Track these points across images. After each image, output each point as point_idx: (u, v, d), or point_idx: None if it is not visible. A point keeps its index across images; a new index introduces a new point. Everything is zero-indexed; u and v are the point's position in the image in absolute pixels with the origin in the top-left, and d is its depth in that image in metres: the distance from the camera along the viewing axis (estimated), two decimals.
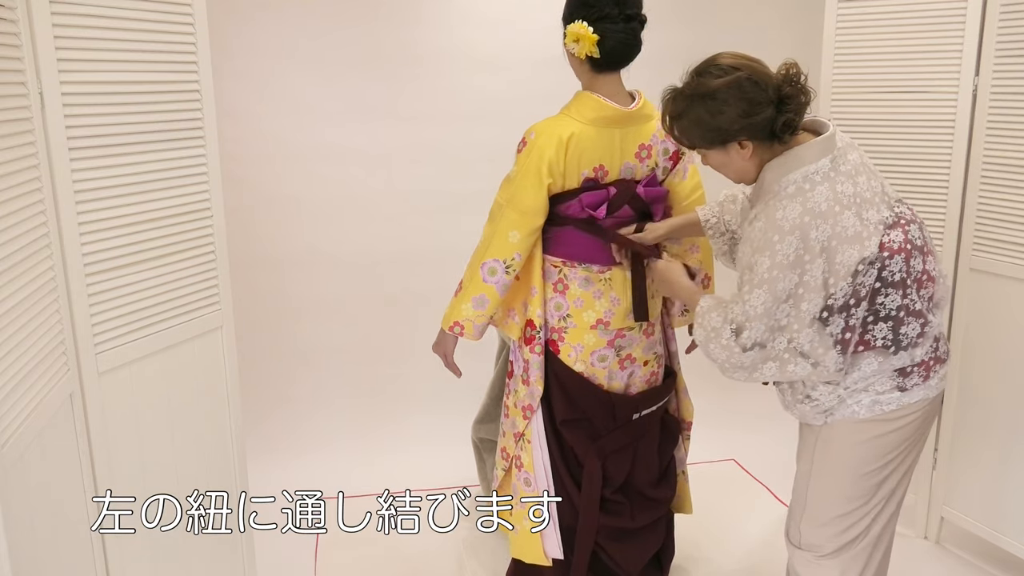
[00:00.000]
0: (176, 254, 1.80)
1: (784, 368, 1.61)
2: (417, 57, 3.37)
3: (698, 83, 1.57)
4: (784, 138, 1.58)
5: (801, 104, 1.57)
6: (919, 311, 1.60)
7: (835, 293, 1.54)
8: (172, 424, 1.85)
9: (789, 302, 1.56)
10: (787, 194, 1.56)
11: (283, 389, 3.48)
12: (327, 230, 3.44)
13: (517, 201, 1.96)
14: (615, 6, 1.89)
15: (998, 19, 2.25)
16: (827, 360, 1.58)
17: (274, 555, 2.50)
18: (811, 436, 1.74)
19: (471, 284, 2.01)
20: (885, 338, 1.59)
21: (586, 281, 2.05)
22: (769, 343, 1.60)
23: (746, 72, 1.54)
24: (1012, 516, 2.36)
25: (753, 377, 1.65)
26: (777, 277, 1.54)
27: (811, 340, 1.57)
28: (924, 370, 1.65)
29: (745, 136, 1.57)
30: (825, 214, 1.52)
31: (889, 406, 1.64)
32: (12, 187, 1.34)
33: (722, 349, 1.64)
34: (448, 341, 2.10)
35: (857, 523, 1.72)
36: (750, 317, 1.58)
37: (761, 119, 1.55)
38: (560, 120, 1.97)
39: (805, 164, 1.56)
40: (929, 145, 2.45)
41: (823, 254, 1.53)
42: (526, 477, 2.12)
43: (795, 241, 1.52)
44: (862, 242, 1.53)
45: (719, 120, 1.56)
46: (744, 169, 1.65)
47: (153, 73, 1.70)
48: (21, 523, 1.30)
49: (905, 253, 1.56)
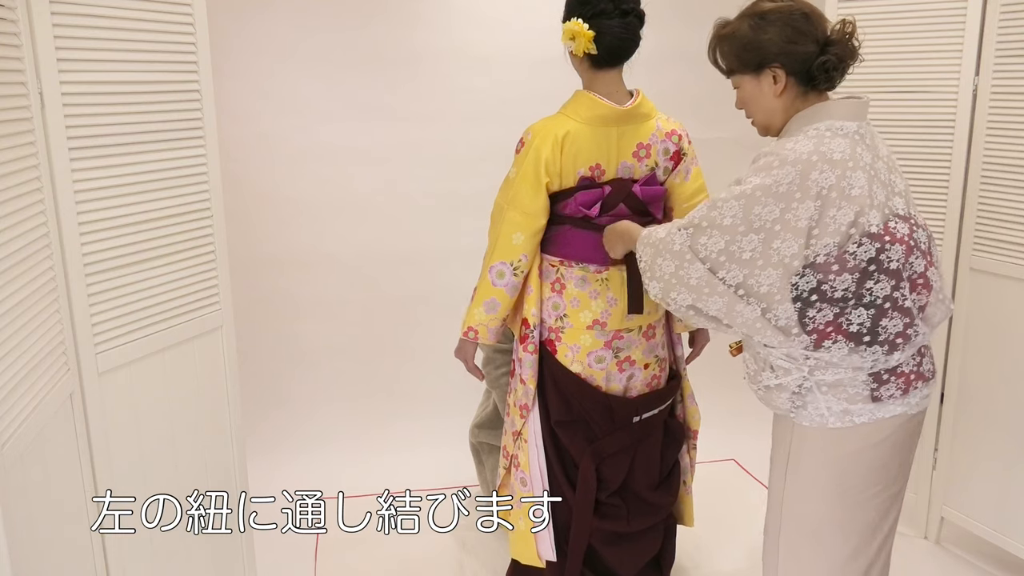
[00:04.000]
0: (176, 254, 1.80)
1: (732, 307, 1.50)
2: (417, 57, 3.37)
3: (752, 5, 1.60)
4: (819, 84, 1.56)
5: (846, 54, 1.55)
6: (907, 309, 1.49)
7: (817, 250, 1.45)
8: (172, 424, 1.85)
9: (760, 235, 1.47)
10: (805, 135, 1.52)
11: (283, 389, 3.48)
12: (327, 230, 3.44)
13: (518, 203, 1.97)
14: (610, 1, 1.89)
15: (998, 19, 2.25)
16: (780, 310, 1.47)
17: (274, 555, 2.50)
18: (782, 454, 1.64)
19: (482, 289, 2.03)
20: (862, 324, 1.47)
21: (583, 281, 2.05)
22: (720, 271, 1.51)
23: (800, 6, 1.56)
24: (1012, 516, 2.36)
25: (698, 306, 1.54)
26: (758, 198, 1.46)
27: (772, 282, 1.46)
28: (903, 383, 1.54)
29: (781, 64, 1.55)
30: (836, 163, 1.45)
31: (861, 417, 1.53)
32: (12, 187, 1.34)
33: (672, 257, 1.55)
34: (467, 347, 2.12)
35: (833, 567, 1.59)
36: (714, 223, 1.50)
37: (801, 51, 1.54)
38: (556, 119, 1.98)
39: (833, 118, 1.53)
40: (929, 145, 2.44)
41: (817, 200, 1.44)
42: (522, 477, 2.12)
43: (793, 173, 1.45)
44: (863, 208, 1.45)
45: (760, 38, 1.55)
46: (771, 109, 1.60)
47: (153, 73, 1.70)
48: (21, 523, 1.30)
49: (907, 247, 1.48)
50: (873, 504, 1.59)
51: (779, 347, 1.54)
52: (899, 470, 1.62)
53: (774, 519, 1.67)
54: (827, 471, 1.58)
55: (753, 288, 1.49)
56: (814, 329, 1.49)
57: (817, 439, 1.57)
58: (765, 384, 1.59)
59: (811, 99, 1.58)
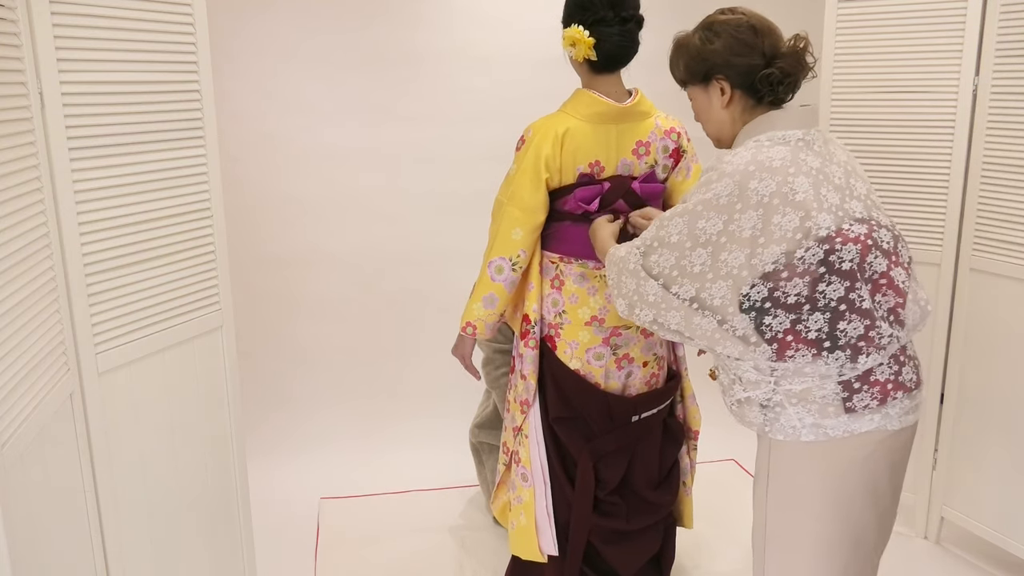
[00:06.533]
0: (176, 254, 1.80)
1: (690, 320, 1.51)
2: (417, 57, 3.38)
3: (708, 17, 1.62)
4: (764, 97, 1.57)
5: (793, 69, 1.55)
6: (866, 310, 1.44)
7: (765, 259, 1.43)
8: (172, 424, 1.85)
9: (708, 249, 1.47)
10: (744, 147, 1.54)
11: (283, 389, 3.48)
12: (328, 230, 3.44)
13: (517, 199, 1.99)
14: (610, 9, 1.91)
15: (998, 19, 2.25)
16: (735, 320, 1.46)
17: (274, 555, 2.50)
18: (763, 475, 1.61)
19: (481, 284, 2.04)
20: (820, 330, 1.43)
21: (581, 277, 2.06)
22: (674, 286, 1.52)
23: (751, 19, 1.57)
24: (1013, 516, 2.36)
25: (659, 321, 1.55)
26: (700, 212, 1.48)
27: (723, 294, 1.46)
28: (880, 392, 1.48)
29: (725, 76, 1.57)
30: (775, 170, 1.44)
31: (835, 431, 1.48)
32: (12, 187, 1.34)
33: (630, 276, 1.58)
34: (465, 344, 2.13)
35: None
36: (662, 242, 1.53)
37: (745, 63, 1.55)
38: (556, 117, 2.00)
39: (775, 129, 1.54)
40: (929, 145, 2.45)
41: (759, 208, 1.43)
42: (523, 472, 2.13)
43: (731, 185, 1.45)
44: (808, 212, 1.42)
45: (707, 50, 1.57)
46: (720, 121, 1.62)
47: (153, 73, 1.70)
48: (21, 523, 1.30)
49: (862, 246, 1.44)
50: (857, 521, 1.54)
51: (744, 358, 1.52)
52: (887, 489, 1.57)
53: (759, 536, 1.64)
54: (806, 487, 1.54)
55: (706, 301, 1.49)
56: (773, 338, 1.46)
57: (792, 454, 1.54)
58: (736, 398, 1.59)
59: (760, 111, 1.59)
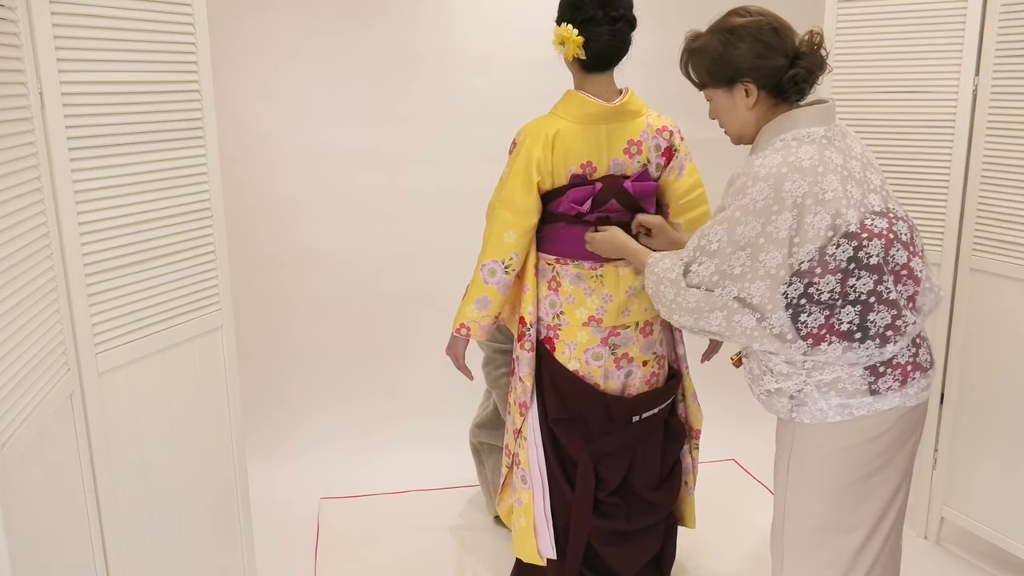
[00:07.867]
0: (176, 254, 1.80)
1: (731, 319, 1.55)
2: (417, 57, 3.38)
3: (722, 19, 1.61)
4: (789, 96, 1.60)
5: (815, 66, 1.59)
6: (892, 301, 1.52)
7: (800, 257, 1.49)
8: (172, 424, 1.85)
9: (747, 251, 1.52)
10: (772, 148, 1.56)
11: (283, 389, 3.48)
12: (327, 230, 3.44)
13: (509, 202, 2.00)
14: (599, 8, 1.92)
15: (998, 19, 2.25)
16: (774, 318, 1.51)
17: (274, 555, 2.50)
18: (784, 452, 1.67)
19: (474, 286, 2.05)
20: (851, 323, 1.51)
21: (577, 278, 2.06)
22: (717, 288, 1.56)
23: (770, 20, 1.58)
24: (1012, 516, 2.36)
25: (699, 325, 1.61)
26: (739, 219, 1.52)
27: (762, 293, 1.51)
28: (901, 374, 1.57)
29: (752, 79, 1.59)
30: (806, 170, 1.50)
31: (860, 411, 1.56)
32: (12, 187, 1.34)
33: (670, 285, 1.63)
34: (458, 344, 2.13)
35: (838, 559, 1.62)
36: (703, 251, 1.57)
37: (772, 65, 1.57)
38: (547, 119, 2.01)
39: (799, 127, 1.57)
40: (929, 145, 2.45)
41: (794, 210, 1.49)
42: (522, 474, 2.13)
43: (767, 189, 1.50)
44: (839, 209, 1.49)
45: (731, 54, 1.58)
46: (744, 121, 1.65)
47: (153, 73, 1.70)
48: (21, 523, 1.30)
49: (885, 240, 1.51)
50: (877, 497, 1.62)
51: (779, 353, 1.58)
52: (902, 463, 1.64)
53: (779, 519, 1.70)
54: (829, 466, 1.60)
55: (747, 300, 1.54)
56: (808, 333, 1.52)
57: (818, 435, 1.60)
58: (766, 388, 1.64)
59: (781, 109, 1.62)
